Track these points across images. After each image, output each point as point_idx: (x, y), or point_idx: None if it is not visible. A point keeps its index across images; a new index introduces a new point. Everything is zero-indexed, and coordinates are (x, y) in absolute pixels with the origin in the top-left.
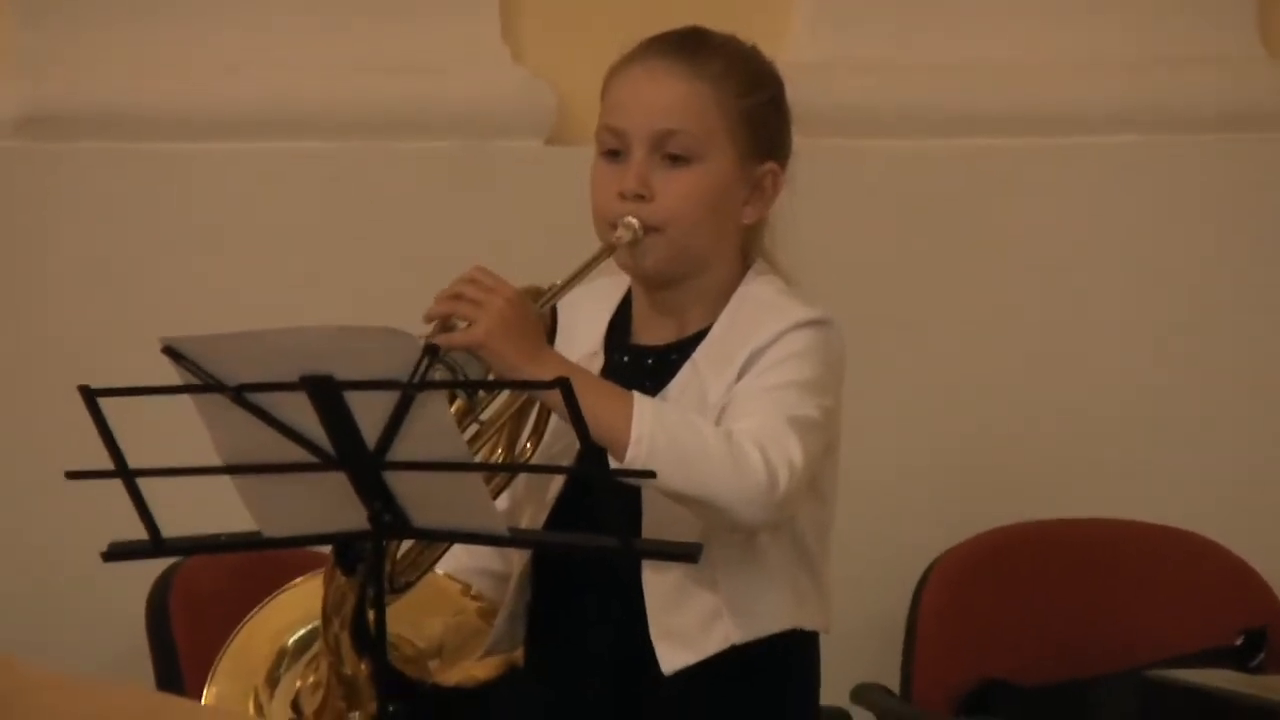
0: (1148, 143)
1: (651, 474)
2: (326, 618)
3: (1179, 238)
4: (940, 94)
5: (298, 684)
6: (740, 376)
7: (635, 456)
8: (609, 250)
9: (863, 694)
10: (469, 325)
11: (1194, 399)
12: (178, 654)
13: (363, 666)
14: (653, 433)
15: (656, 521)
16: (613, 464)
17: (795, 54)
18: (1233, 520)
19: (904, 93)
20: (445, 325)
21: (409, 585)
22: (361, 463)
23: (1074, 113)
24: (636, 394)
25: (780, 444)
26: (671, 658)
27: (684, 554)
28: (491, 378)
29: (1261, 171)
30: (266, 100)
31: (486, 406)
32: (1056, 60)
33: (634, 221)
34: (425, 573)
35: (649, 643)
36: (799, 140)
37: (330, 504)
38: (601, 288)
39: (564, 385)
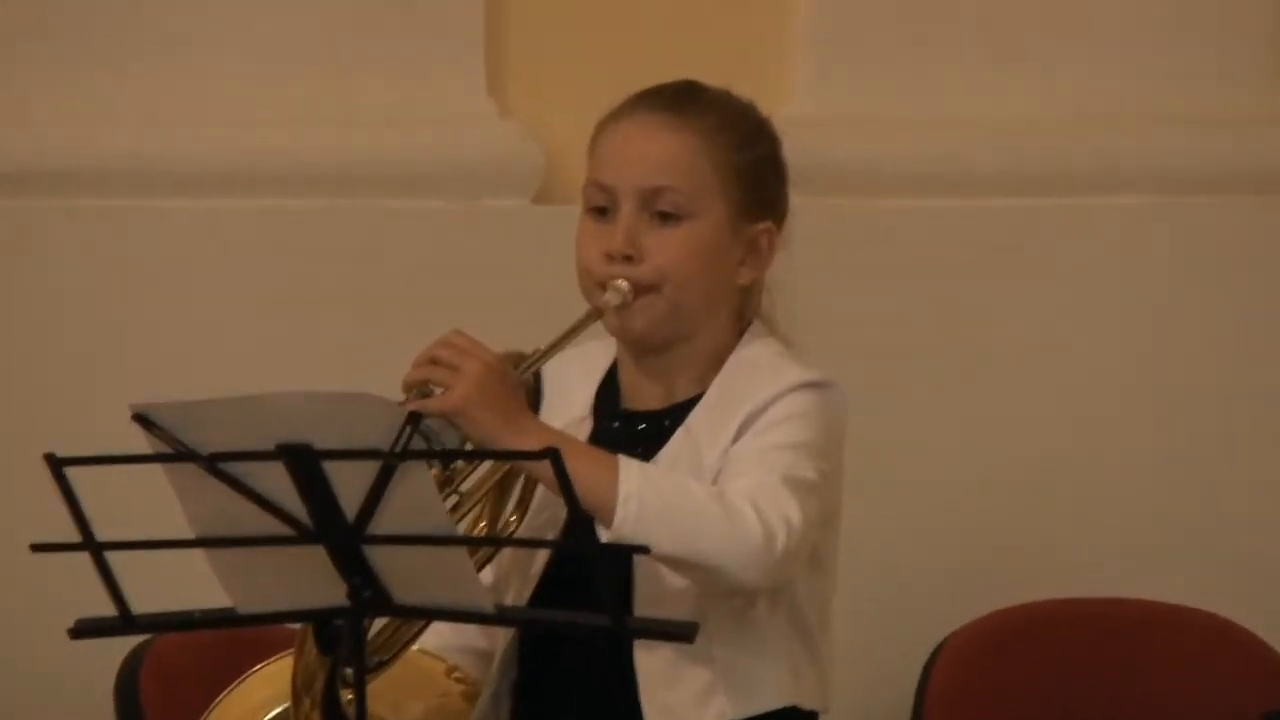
0: (1161, 204)
1: (645, 549)
2: (296, 696)
3: (1195, 302)
4: (946, 152)
5: None
6: (736, 439)
7: (624, 518)
8: (596, 314)
9: None
10: (445, 391)
11: (1211, 476)
12: None
13: None
14: (640, 493)
15: (649, 593)
16: (603, 535)
17: (796, 110)
18: (1251, 600)
19: (907, 150)
20: (422, 392)
21: (382, 665)
22: (341, 536)
23: (1084, 172)
24: (622, 456)
25: (776, 503)
26: None
27: (680, 634)
28: (469, 446)
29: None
30: (247, 156)
31: (466, 477)
32: (1066, 119)
33: (623, 285)
34: (401, 651)
35: (640, 719)
36: (800, 198)
37: (308, 579)
38: (590, 351)
39: (553, 455)
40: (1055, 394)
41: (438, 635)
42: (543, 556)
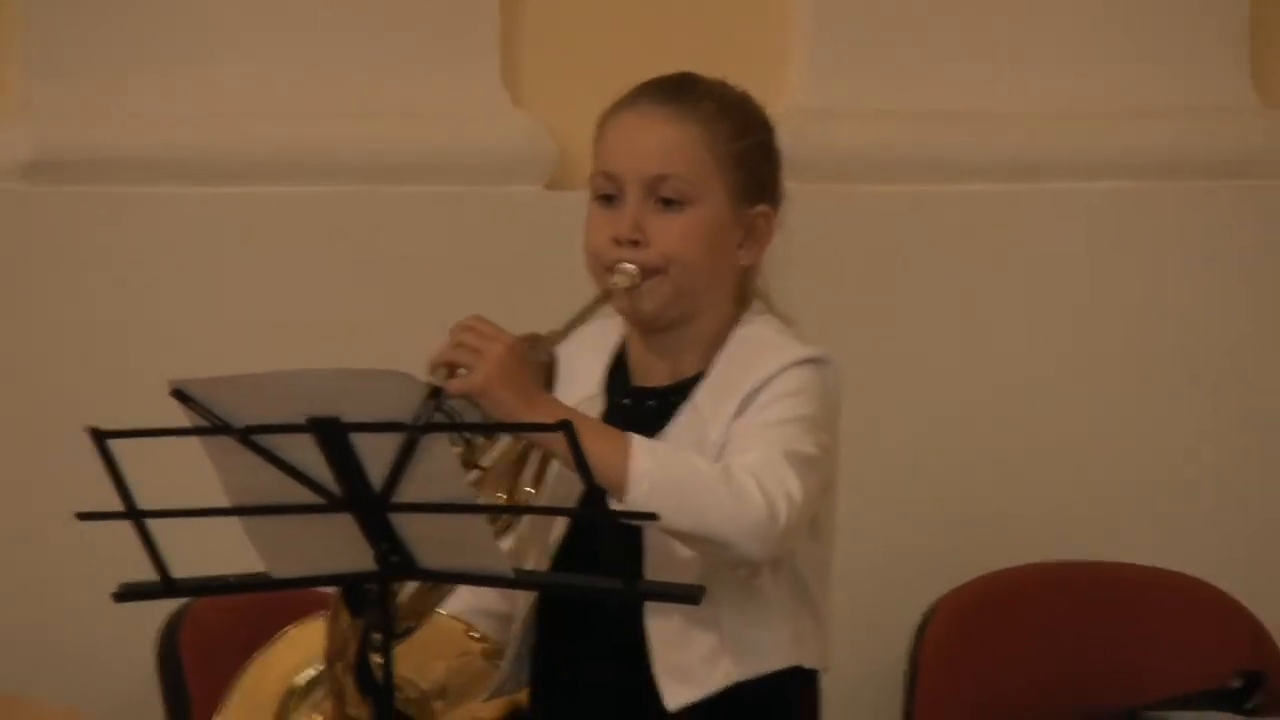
0: (1142, 189)
1: (654, 516)
2: (330, 661)
3: (1174, 283)
4: (935, 141)
5: None
6: (739, 414)
7: (635, 496)
8: (606, 296)
9: None
10: (469, 373)
11: (1191, 444)
12: (188, 694)
13: (367, 708)
14: (651, 471)
15: (658, 561)
16: (614, 505)
17: (792, 101)
18: (1230, 564)
19: (900, 139)
20: (445, 373)
21: (410, 630)
22: (368, 504)
23: (1069, 159)
24: (634, 435)
25: (778, 478)
26: (675, 694)
27: (686, 596)
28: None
29: (1253, 218)
30: (268, 146)
31: (486, 453)
32: (1052, 108)
33: (631, 268)
34: (427, 617)
35: (652, 680)
36: (797, 185)
37: (338, 545)
38: (598, 331)
39: (567, 428)
40: (1040, 369)
41: (458, 599)
42: (559, 529)
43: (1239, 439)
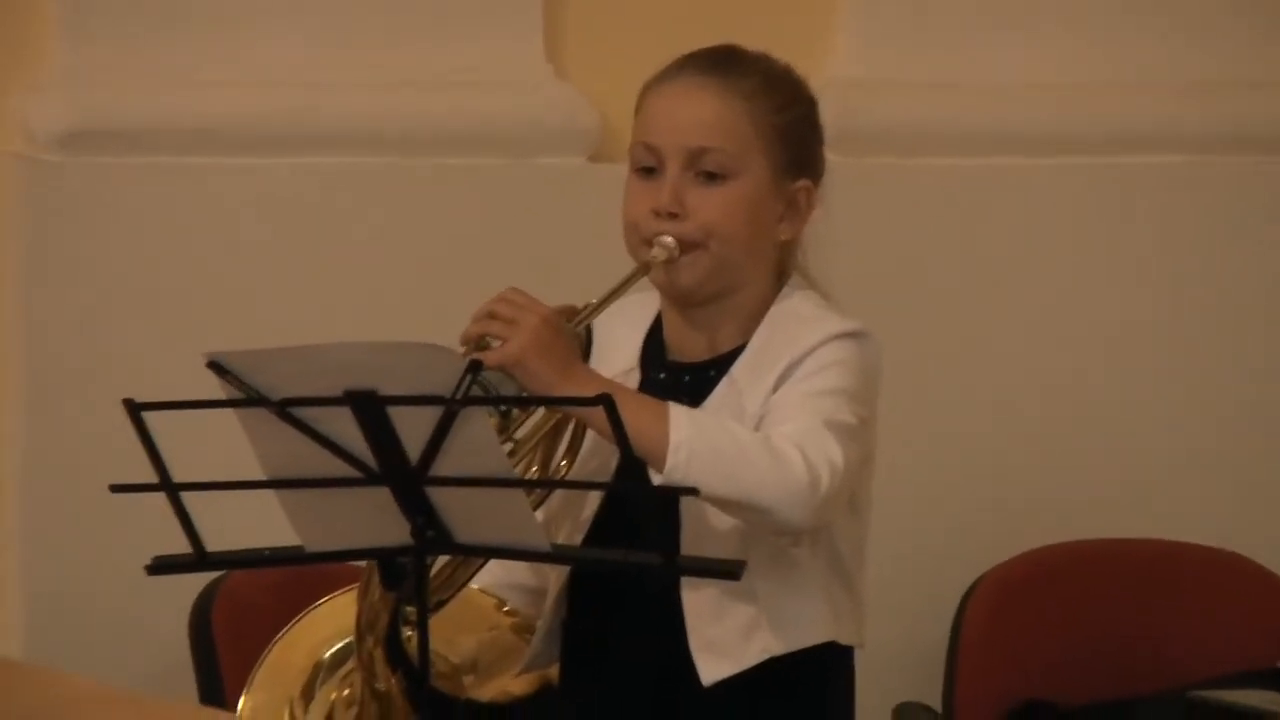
0: (1191, 163)
1: (695, 490)
2: (360, 634)
3: (1216, 258)
4: (983, 113)
5: (332, 697)
6: (777, 387)
7: (675, 464)
8: (644, 269)
9: (905, 713)
10: (503, 344)
11: (1238, 421)
12: (220, 666)
13: (395, 682)
14: (690, 439)
15: (695, 534)
16: (653, 478)
17: (838, 72)
18: (1275, 542)
19: (946, 111)
20: (479, 345)
21: (442, 604)
22: (404, 478)
23: (1118, 133)
24: (672, 404)
25: (820, 446)
26: (711, 668)
27: (727, 571)
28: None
29: None
30: (307, 117)
31: (521, 424)
32: (1100, 81)
33: (670, 240)
34: (458, 591)
35: (687, 655)
36: (839, 158)
37: (373, 519)
38: (634, 304)
39: (607, 401)
40: (1085, 344)
41: (487, 573)
42: (593, 503)
43: None
